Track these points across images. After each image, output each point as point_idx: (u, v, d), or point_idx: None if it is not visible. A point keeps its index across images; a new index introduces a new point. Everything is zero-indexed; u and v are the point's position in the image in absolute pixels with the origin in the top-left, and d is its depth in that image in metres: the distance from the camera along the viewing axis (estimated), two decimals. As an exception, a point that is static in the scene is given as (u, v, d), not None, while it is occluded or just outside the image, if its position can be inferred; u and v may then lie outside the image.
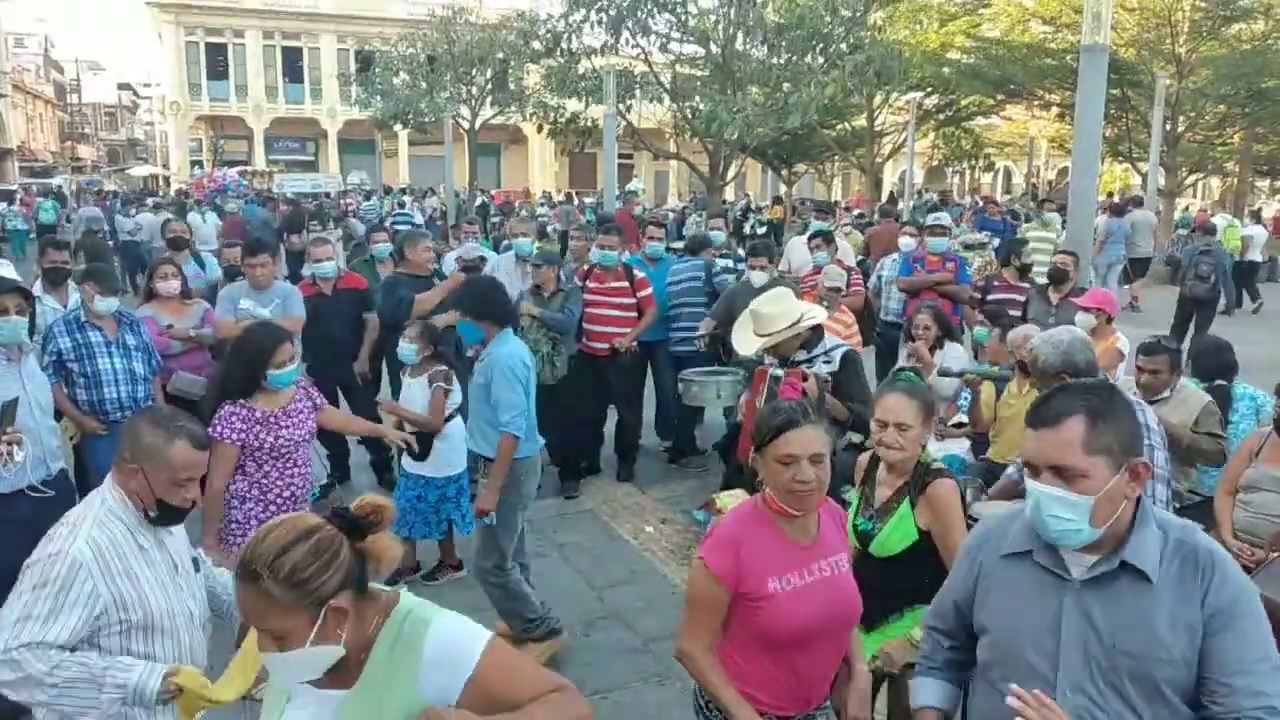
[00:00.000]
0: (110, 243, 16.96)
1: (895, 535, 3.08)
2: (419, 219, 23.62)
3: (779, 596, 2.43)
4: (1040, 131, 32.71)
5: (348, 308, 6.81)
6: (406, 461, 5.38)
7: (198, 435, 2.60)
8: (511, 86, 26.47)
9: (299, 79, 46.03)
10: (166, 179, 44.60)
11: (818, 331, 4.56)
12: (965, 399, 5.49)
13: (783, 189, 31.37)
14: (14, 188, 29.83)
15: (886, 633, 3.15)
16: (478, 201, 29.02)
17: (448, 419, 5.34)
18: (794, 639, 2.47)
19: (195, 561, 2.79)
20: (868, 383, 4.72)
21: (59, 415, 5.54)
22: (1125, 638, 1.90)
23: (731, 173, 17.09)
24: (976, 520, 3.35)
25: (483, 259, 7.46)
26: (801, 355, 4.60)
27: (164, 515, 2.57)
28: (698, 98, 15.94)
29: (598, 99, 15.07)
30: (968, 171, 41.83)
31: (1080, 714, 1.91)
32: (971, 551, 2.23)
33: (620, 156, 42.59)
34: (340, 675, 1.78)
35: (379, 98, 28.01)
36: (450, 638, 1.81)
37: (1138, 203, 15.81)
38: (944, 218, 8.47)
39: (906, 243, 8.33)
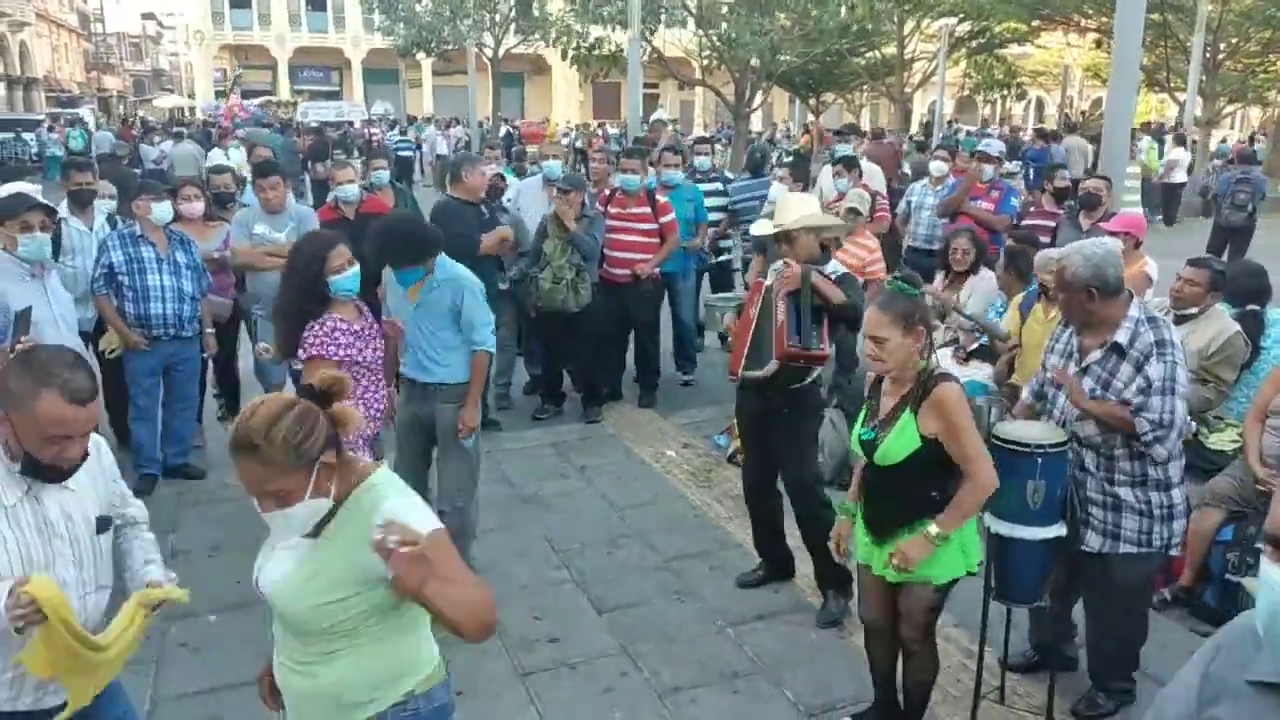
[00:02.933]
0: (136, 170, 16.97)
1: (897, 444, 3.11)
2: (442, 148, 23.53)
3: None
4: (1076, 60, 31.88)
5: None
6: None
7: (76, 388, 2.11)
8: (535, 13, 26.03)
9: (322, 7, 45.58)
10: (192, 109, 44.45)
11: (826, 253, 4.51)
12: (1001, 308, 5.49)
13: (810, 118, 30.83)
14: (41, 117, 29.83)
15: (898, 546, 3.18)
16: (502, 131, 28.77)
17: None
18: None
19: (103, 521, 2.36)
20: (862, 298, 4.67)
21: (100, 330, 5.67)
22: None
23: (757, 100, 16.78)
24: (999, 439, 3.35)
25: (501, 176, 7.41)
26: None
27: (32, 470, 2.16)
28: (724, 23, 15.59)
29: (623, 24, 14.78)
30: (999, 101, 40.91)
31: None
32: (1201, 663, 1.52)
33: (645, 85, 42.04)
34: (314, 527, 2.07)
35: (401, 25, 27.66)
36: (401, 513, 2.00)
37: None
38: (993, 144, 8.27)
39: (938, 167, 8.18)
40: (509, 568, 4.84)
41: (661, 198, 7.03)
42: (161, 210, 5.59)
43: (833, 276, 4.49)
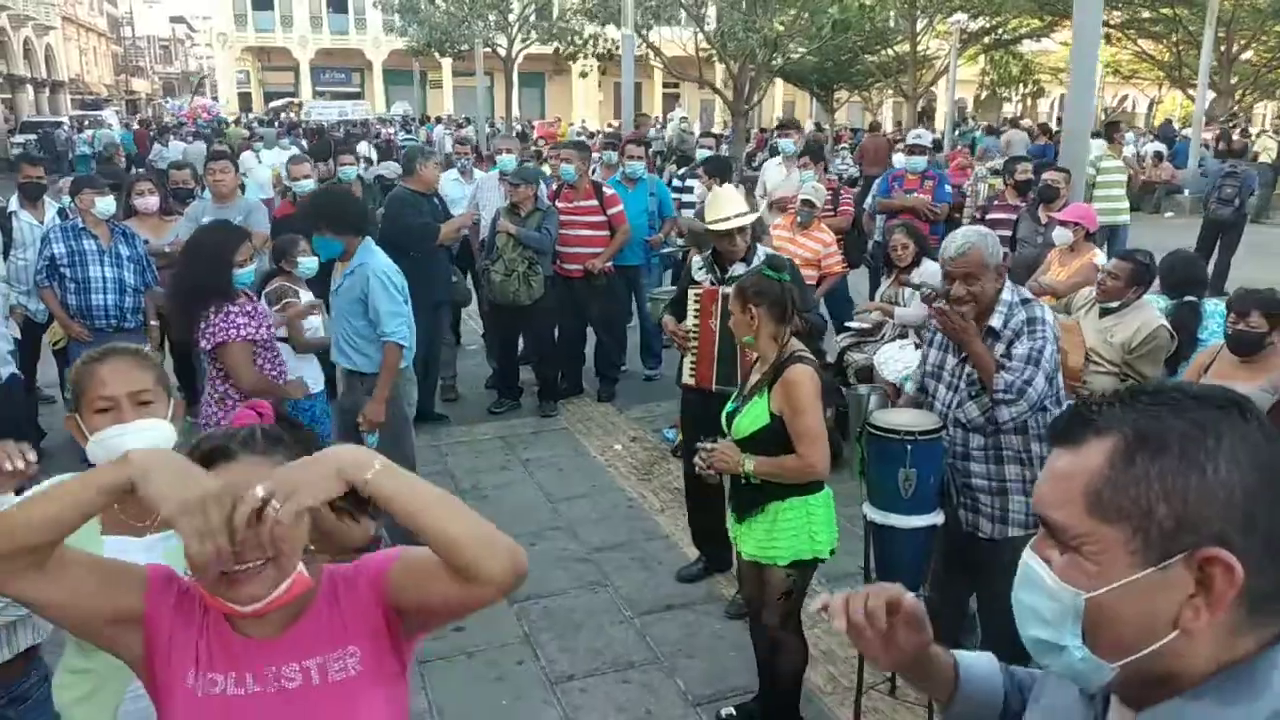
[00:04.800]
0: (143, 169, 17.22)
1: (748, 418, 3.20)
2: (449, 147, 23.64)
3: (187, 699, 1.51)
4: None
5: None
6: None
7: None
8: (555, 14, 26.10)
9: (343, 9, 45.98)
10: (218, 111, 45.01)
11: (753, 245, 4.49)
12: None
13: (806, 116, 30.70)
14: (62, 119, 30.33)
15: (752, 527, 3.23)
16: (516, 130, 28.84)
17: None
18: None
19: None
20: (805, 287, 4.65)
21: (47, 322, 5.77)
22: None
23: (757, 97, 16.71)
24: (872, 427, 3.32)
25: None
26: (739, 269, 4.52)
27: None
28: (716, 16, 15.55)
29: (617, 22, 14.80)
30: (1020, 99, 40.46)
31: None
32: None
33: (666, 86, 41.70)
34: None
35: (415, 26, 27.81)
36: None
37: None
38: (924, 136, 8.23)
39: (899, 160, 8.13)
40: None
41: (609, 190, 7.02)
42: (104, 204, 5.68)
43: (764, 259, 4.48)
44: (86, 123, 30.14)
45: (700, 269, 4.61)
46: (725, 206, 4.40)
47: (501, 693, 3.83)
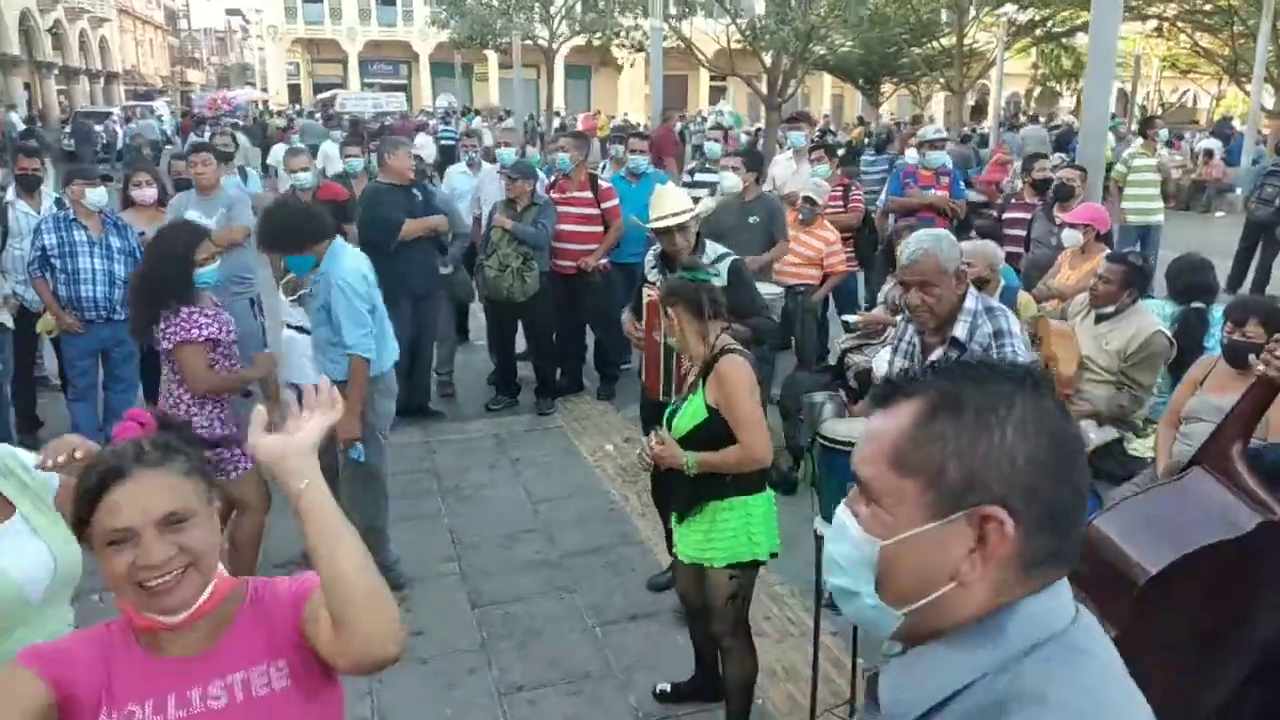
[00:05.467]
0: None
1: (687, 415, 3.14)
2: (489, 140, 23.66)
3: None
4: (1151, 49, 30.58)
5: (326, 218, 6.80)
6: None
7: None
8: (601, 5, 25.95)
9: (390, 1, 46.26)
10: (266, 102, 45.66)
11: (700, 243, 4.35)
12: None
13: (853, 110, 30.20)
14: (111, 110, 30.90)
15: (691, 528, 3.17)
16: (556, 123, 28.80)
17: None
18: None
19: None
20: (756, 290, 4.48)
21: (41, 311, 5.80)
22: None
23: (790, 90, 16.42)
24: (822, 438, 3.16)
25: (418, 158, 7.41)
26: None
27: None
28: (748, 12, 15.32)
29: (646, 12, 14.64)
30: (1073, 93, 39.45)
31: None
32: None
33: (713, 79, 41.42)
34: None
35: (458, 18, 27.87)
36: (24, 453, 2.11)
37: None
38: (943, 130, 7.97)
39: (912, 155, 7.89)
40: (399, 557, 4.76)
41: (605, 183, 6.89)
42: (95, 195, 5.68)
43: (721, 267, 4.33)
44: (138, 113, 30.71)
45: (653, 268, 4.48)
46: (666, 204, 4.27)
47: (449, 702, 3.73)
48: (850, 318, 6.32)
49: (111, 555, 1.41)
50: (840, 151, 21.55)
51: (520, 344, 7.08)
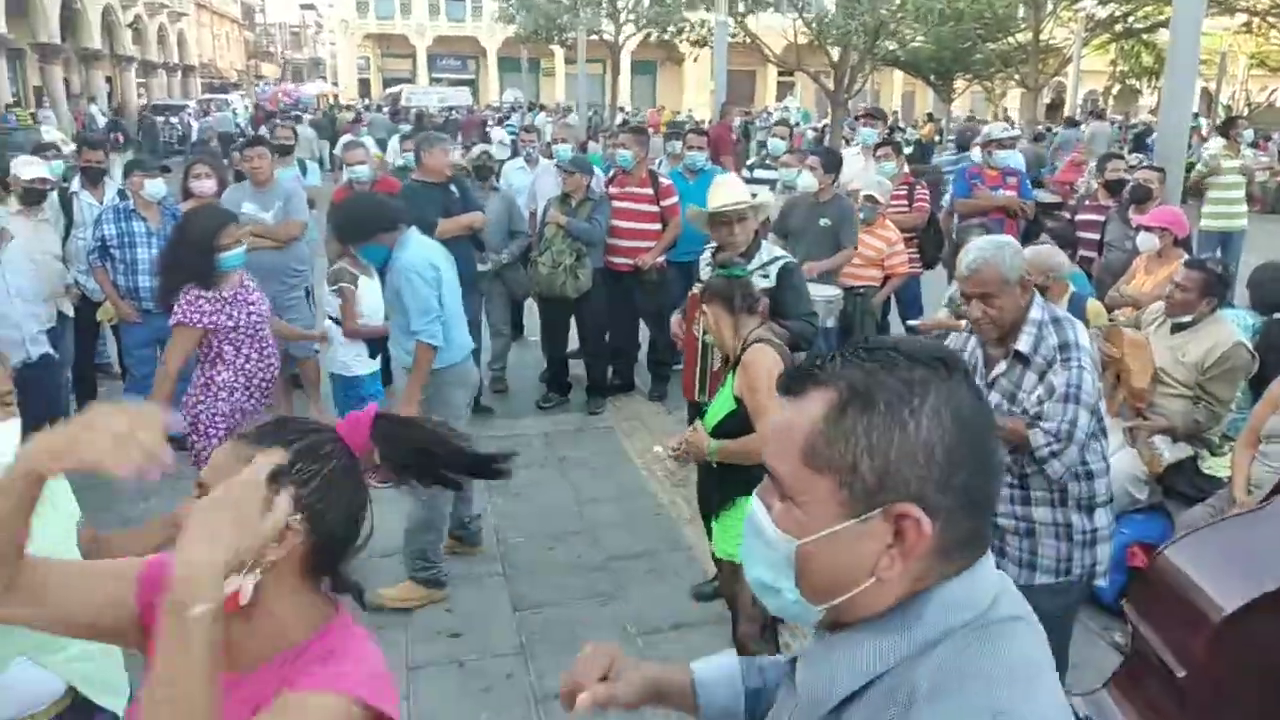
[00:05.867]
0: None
1: (716, 406, 3.16)
2: (549, 135, 23.72)
3: None
4: (1239, 46, 29.46)
5: (381, 211, 6.81)
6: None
7: None
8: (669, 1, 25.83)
9: (460, -4, 46.75)
10: (336, 96, 46.46)
11: (756, 240, 4.22)
12: None
13: (924, 106, 29.61)
14: (187, 102, 31.67)
15: (725, 524, 3.16)
16: (619, 119, 28.77)
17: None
18: None
19: None
20: (807, 295, 4.32)
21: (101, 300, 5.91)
22: None
23: (857, 86, 16.14)
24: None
25: (489, 155, 7.34)
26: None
27: None
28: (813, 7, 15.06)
29: (709, 6, 14.48)
30: (1154, 90, 38.24)
31: None
32: None
33: (780, 75, 41.06)
34: None
35: (523, 13, 27.97)
36: None
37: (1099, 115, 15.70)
38: (1009, 129, 7.69)
39: (977, 155, 7.63)
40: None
41: (665, 180, 6.76)
42: (153, 186, 5.74)
43: (772, 270, 4.19)
44: (213, 106, 31.45)
45: (708, 265, 4.36)
46: (725, 193, 4.15)
47: (485, 705, 3.66)
48: (914, 322, 6.13)
49: None
50: (908, 149, 21.24)
51: (573, 341, 7.02)
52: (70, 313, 5.91)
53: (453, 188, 6.30)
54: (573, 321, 6.81)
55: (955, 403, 0.98)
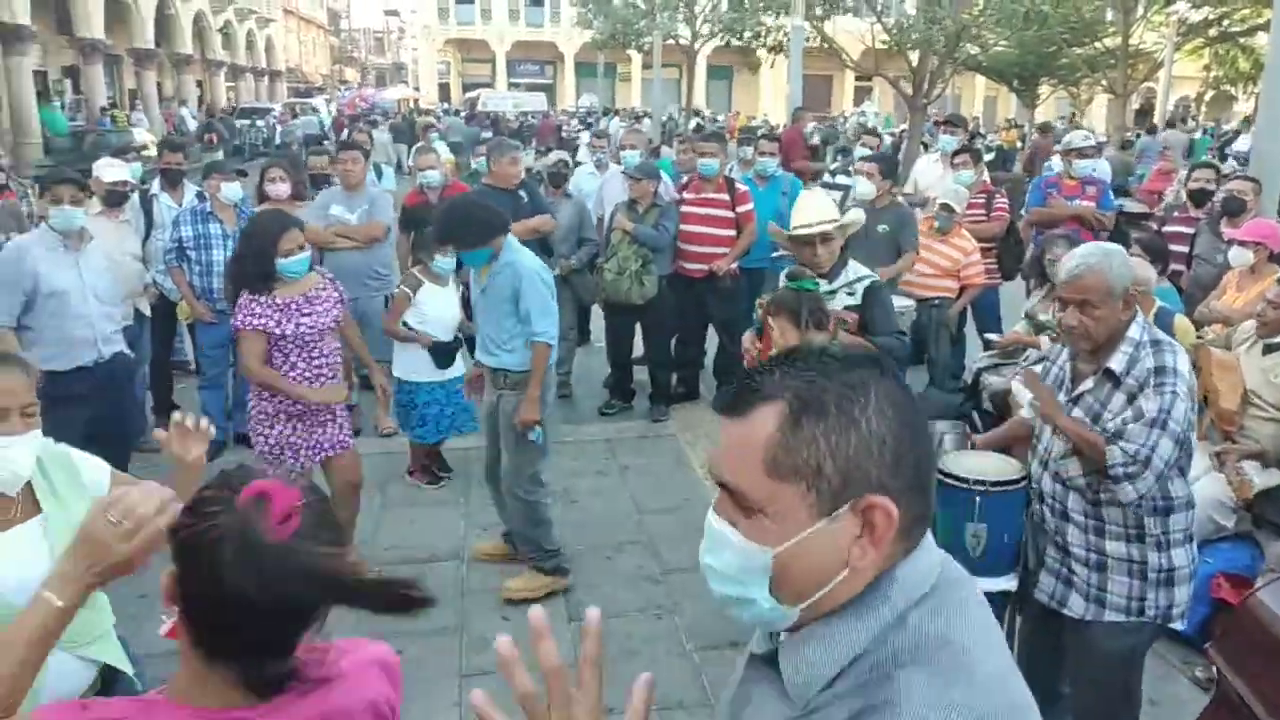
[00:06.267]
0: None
1: None
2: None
3: None
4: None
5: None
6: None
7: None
8: (747, 4, 25.70)
9: (539, 1, 47.14)
10: (416, 101, 47.29)
11: (843, 257, 4.06)
12: None
13: (1007, 112, 28.89)
14: (273, 106, 32.53)
15: None
16: (692, 124, 28.70)
17: None
18: None
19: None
20: (892, 313, 4.16)
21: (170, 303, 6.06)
22: None
23: (937, 91, 15.78)
24: (940, 473, 2.88)
25: (565, 163, 7.34)
26: (822, 286, 4.09)
27: None
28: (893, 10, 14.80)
29: (787, 9, 14.34)
30: (1249, 97, 36.81)
31: None
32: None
33: (858, 79, 40.47)
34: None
35: (600, 18, 28.13)
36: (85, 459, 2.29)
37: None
38: (1091, 137, 7.40)
39: (1056, 164, 7.38)
40: (500, 564, 4.70)
41: (742, 187, 6.67)
42: (230, 190, 5.86)
43: (858, 288, 4.05)
44: (297, 110, 32.26)
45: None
46: (808, 212, 3.98)
47: (535, 719, 3.61)
48: (991, 336, 5.94)
49: None
50: (988, 156, 20.68)
51: (639, 349, 6.97)
52: (148, 311, 6.05)
53: (522, 193, 6.31)
54: (638, 328, 6.76)
55: (892, 395, 1.06)
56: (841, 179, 8.50)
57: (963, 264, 6.24)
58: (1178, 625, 2.94)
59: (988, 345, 5.88)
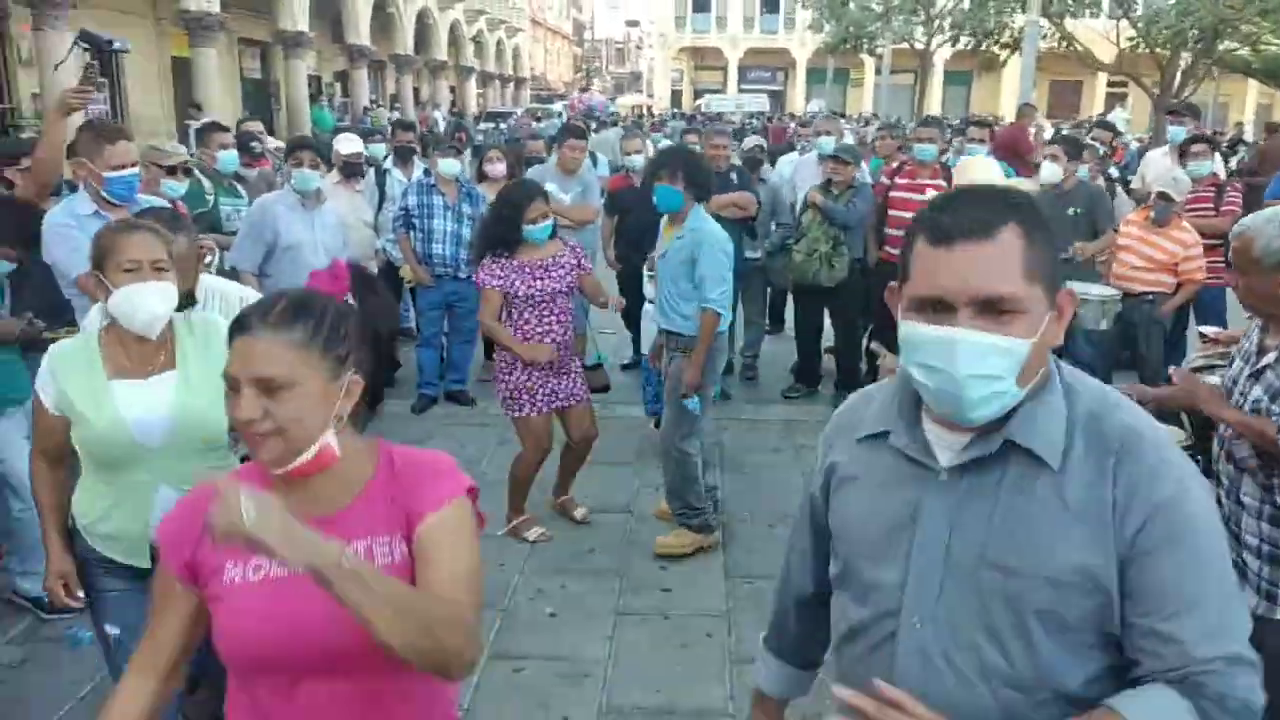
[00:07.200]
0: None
1: None
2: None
3: (236, 589, 1.54)
4: None
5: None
6: None
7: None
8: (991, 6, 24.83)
9: (775, 9, 47.29)
10: (649, 108, 48.59)
11: None
12: None
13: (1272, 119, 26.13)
14: (513, 110, 34.38)
15: None
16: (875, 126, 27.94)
17: None
18: (248, 661, 1.55)
19: None
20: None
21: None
22: (1001, 549, 1.31)
23: (1187, 92, 14.63)
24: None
25: (761, 149, 7.46)
26: None
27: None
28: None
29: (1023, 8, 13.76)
30: None
31: (932, 655, 1.36)
32: (823, 448, 1.68)
33: (1110, 85, 38.17)
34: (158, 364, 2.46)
35: (833, 21, 27.94)
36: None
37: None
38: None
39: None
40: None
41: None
42: (447, 165, 6.37)
43: None
44: (539, 114, 34.01)
45: None
46: (972, 173, 3.91)
47: (680, 659, 3.77)
48: (1207, 329, 5.52)
49: (229, 398, 1.47)
50: (1239, 155, 18.89)
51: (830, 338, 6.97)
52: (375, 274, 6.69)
53: (733, 175, 6.52)
54: (824, 313, 6.76)
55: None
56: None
57: (1181, 257, 5.83)
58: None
59: (1202, 338, 5.48)
